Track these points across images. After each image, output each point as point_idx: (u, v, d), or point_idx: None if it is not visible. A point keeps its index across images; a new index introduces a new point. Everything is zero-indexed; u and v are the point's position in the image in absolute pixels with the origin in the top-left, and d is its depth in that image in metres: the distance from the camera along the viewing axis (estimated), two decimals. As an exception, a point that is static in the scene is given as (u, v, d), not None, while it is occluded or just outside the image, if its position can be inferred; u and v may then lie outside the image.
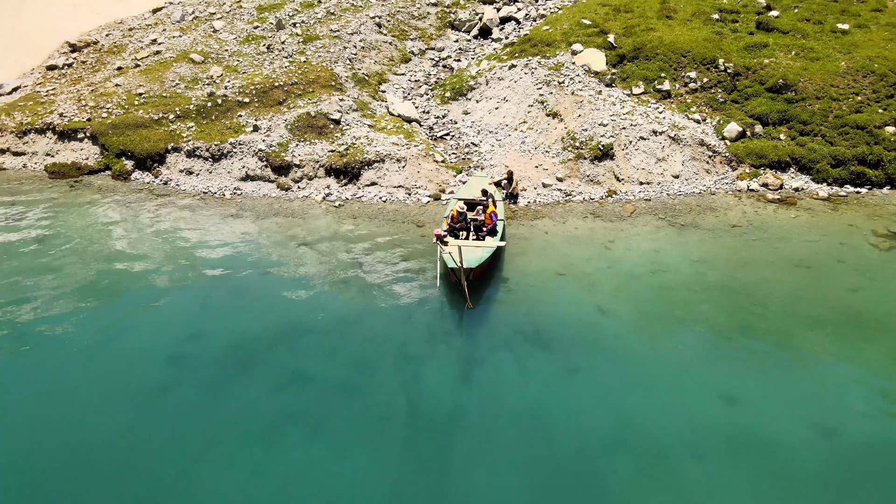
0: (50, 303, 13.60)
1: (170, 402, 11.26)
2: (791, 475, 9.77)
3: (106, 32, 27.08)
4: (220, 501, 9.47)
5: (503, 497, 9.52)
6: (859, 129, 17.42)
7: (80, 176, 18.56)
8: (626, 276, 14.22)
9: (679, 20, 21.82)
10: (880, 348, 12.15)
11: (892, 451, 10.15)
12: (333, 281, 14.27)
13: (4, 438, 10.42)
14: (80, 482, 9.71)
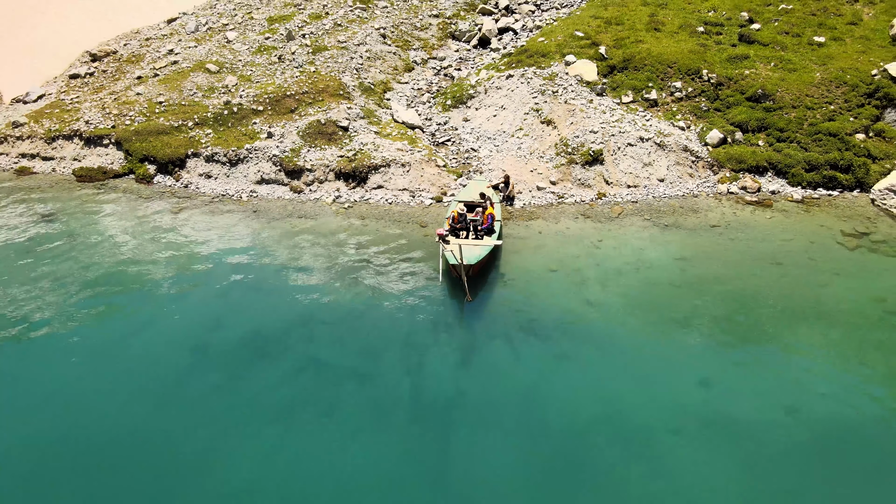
0: (82, 296, 14.57)
1: (195, 385, 12.25)
2: (759, 450, 10.75)
3: (124, 42, 28.04)
4: (242, 475, 10.44)
5: (500, 471, 10.50)
6: (832, 136, 18.40)
7: (106, 179, 19.52)
8: (614, 273, 15.20)
9: (667, 32, 22.78)
10: (842, 337, 13.14)
11: (848, 427, 11.13)
12: (343, 276, 15.25)
13: (48, 417, 11.42)
14: (114, 457, 10.70)
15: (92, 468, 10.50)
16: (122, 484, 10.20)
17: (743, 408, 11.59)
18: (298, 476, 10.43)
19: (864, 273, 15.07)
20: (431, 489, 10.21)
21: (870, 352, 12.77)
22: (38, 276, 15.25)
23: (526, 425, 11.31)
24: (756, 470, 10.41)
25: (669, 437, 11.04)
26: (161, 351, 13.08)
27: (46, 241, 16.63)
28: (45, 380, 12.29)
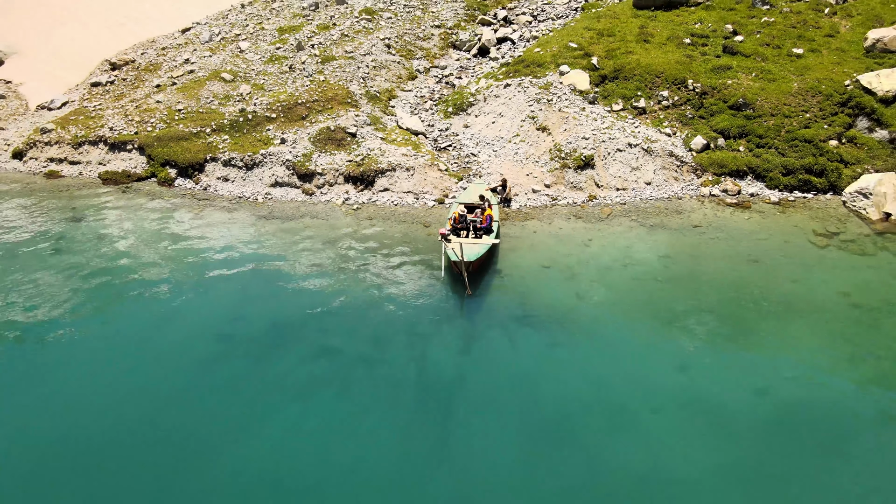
0: (113, 290, 15.67)
1: (224, 368, 13.35)
2: (730, 427, 11.84)
3: (141, 51, 29.12)
4: (268, 445, 11.54)
5: (497, 445, 11.59)
6: (807, 143, 19.48)
7: (130, 182, 20.60)
8: (602, 269, 16.29)
9: (655, 44, 23.86)
10: (809, 328, 14.22)
11: (810, 407, 12.22)
12: (353, 272, 16.34)
13: (93, 394, 12.52)
14: (160, 426, 11.80)
15: (141, 435, 11.62)
16: (168, 450, 11.32)
17: (716, 390, 12.68)
18: (317, 447, 11.52)
19: (833, 270, 16.15)
20: (434, 461, 11.30)
21: (833, 341, 13.86)
22: (70, 271, 16.34)
23: (520, 405, 12.40)
24: (727, 444, 11.50)
25: (650, 415, 12.12)
26: (191, 338, 14.18)
27: (76, 240, 17.72)
28: (93, 361, 13.41)
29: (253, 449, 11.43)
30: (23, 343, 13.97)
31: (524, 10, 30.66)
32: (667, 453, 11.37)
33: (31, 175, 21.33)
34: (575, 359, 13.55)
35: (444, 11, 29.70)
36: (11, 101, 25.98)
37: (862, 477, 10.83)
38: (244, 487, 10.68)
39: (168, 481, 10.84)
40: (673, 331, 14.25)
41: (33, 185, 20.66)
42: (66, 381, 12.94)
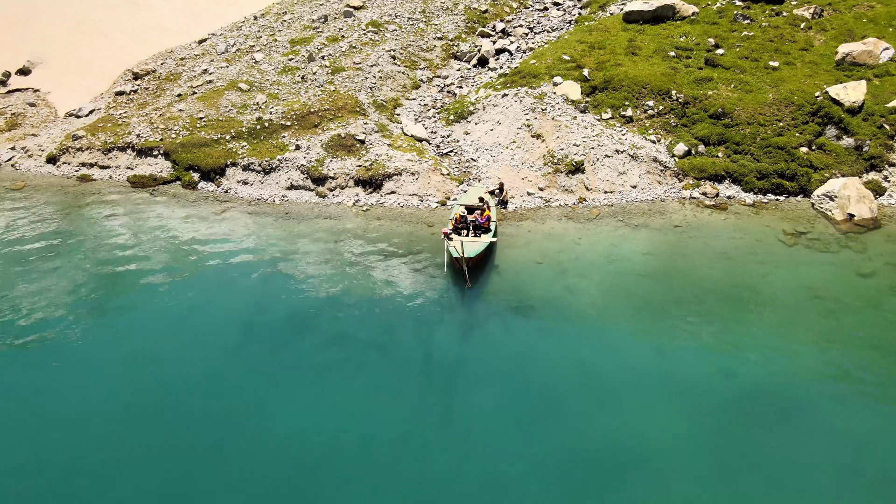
0: (147, 282, 17.09)
1: (250, 352, 14.77)
2: (700, 402, 13.26)
3: (161, 61, 30.52)
4: (287, 421, 12.95)
5: (493, 416, 13.02)
6: (780, 149, 20.89)
7: (157, 186, 22.02)
8: (590, 264, 17.71)
9: (642, 56, 25.26)
10: (774, 317, 15.64)
11: (771, 386, 13.64)
12: (363, 267, 17.76)
13: (140, 373, 13.95)
14: (195, 401, 13.24)
15: (183, 408, 13.07)
16: (205, 421, 12.75)
17: (689, 371, 14.11)
18: (334, 420, 12.95)
19: (799, 266, 17.57)
20: (439, 431, 12.72)
21: (794, 329, 15.29)
22: (104, 266, 17.76)
23: (514, 384, 13.83)
24: (697, 417, 12.94)
25: (629, 392, 13.55)
26: (219, 327, 15.60)
27: (110, 237, 19.13)
28: (137, 344, 14.88)
29: (278, 421, 12.86)
30: (73, 326, 15.39)
31: (521, 22, 32.07)
32: (643, 424, 12.80)
33: (65, 178, 22.73)
34: (564, 344, 14.97)
35: (446, 24, 31.09)
36: (41, 108, 27.38)
37: (811, 444, 12.27)
38: (272, 454, 12.12)
39: (207, 447, 12.28)
40: (652, 319, 15.67)
41: (67, 187, 22.07)
42: (113, 361, 14.38)
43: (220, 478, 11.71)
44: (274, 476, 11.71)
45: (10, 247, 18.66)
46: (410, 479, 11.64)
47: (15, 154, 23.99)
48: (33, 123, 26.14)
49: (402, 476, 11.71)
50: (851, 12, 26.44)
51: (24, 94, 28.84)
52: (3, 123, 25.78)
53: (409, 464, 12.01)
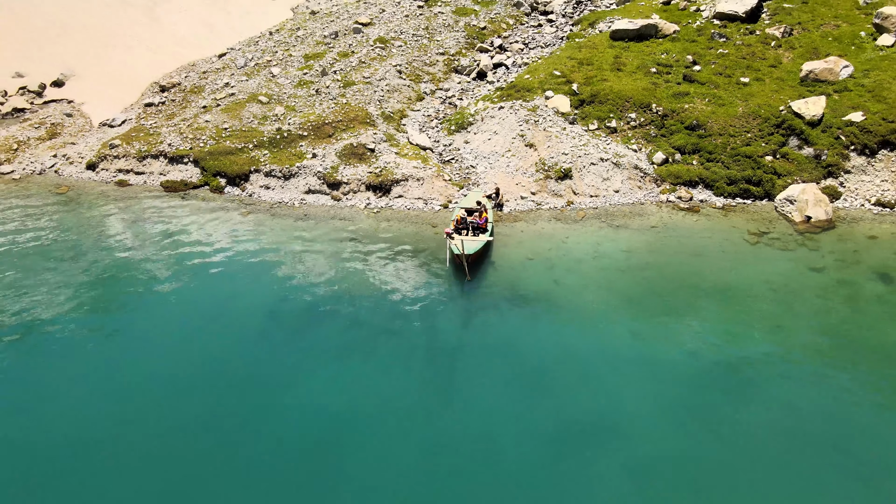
0: (184, 273, 19.03)
1: (275, 336, 16.71)
2: (668, 377, 15.19)
3: (185, 74, 32.45)
4: (313, 392, 14.88)
5: (489, 390, 14.96)
6: (748, 158, 22.82)
7: (188, 190, 23.95)
8: (575, 260, 19.64)
9: (627, 72, 27.19)
10: (735, 306, 17.57)
11: (728, 364, 15.57)
12: (375, 263, 19.70)
13: (181, 350, 15.91)
14: (224, 380, 15.19)
15: (222, 380, 15.04)
16: (242, 393, 14.72)
17: (658, 351, 16.05)
18: (353, 391, 14.90)
19: (760, 262, 19.50)
20: (442, 402, 14.67)
21: (752, 316, 17.23)
22: (145, 261, 19.71)
23: (508, 362, 15.78)
24: (664, 389, 14.87)
25: (607, 368, 15.50)
26: (249, 314, 17.55)
27: (148, 236, 21.07)
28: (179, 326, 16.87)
29: (301, 396, 14.82)
30: (122, 309, 17.36)
31: (517, 38, 34.01)
32: (617, 395, 14.75)
33: (104, 183, 24.65)
34: (551, 329, 16.92)
35: (448, 40, 33.01)
36: (78, 119, 29.30)
37: (759, 410, 14.24)
38: (302, 419, 14.08)
39: (247, 413, 14.25)
40: (629, 308, 17.62)
41: (108, 191, 24.01)
42: (157, 341, 16.37)
43: (259, 439, 13.67)
44: (304, 436, 13.68)
45: (64, 241, 20.61)
46: (418, 438, 13.63)
47: (57, 161, 25.92)
48: (71, 133, 28.06)
49: (411, 435, 13.69)
50: (819, 31, 28.35)
51: (60, 105, 30.77)
52: (44, 133, 27.71)
53: (416, 426, 13.98)
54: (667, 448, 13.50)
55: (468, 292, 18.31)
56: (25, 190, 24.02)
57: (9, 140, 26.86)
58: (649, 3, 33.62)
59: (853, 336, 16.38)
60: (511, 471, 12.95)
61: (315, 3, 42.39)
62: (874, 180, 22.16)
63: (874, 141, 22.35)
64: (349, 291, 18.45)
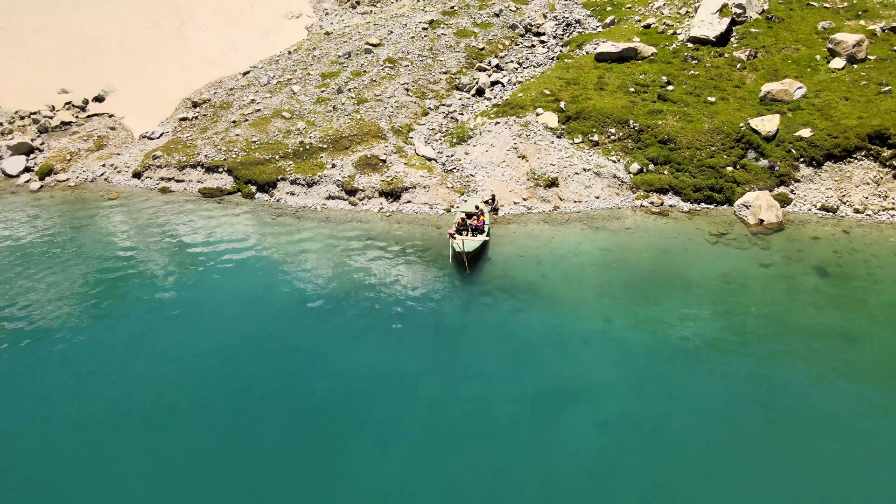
0: (225, 267, 21.81)
1: (303, 320, 19.46)
2: (632, 353, 17.93)
3: (213, 91, 35.23)
4: (339, 363, 17.63)
5: (485, 362, 17.73)
6: (711, 168, 25.57)
7: (223, 196, 26.72)
8: (559, 257, 22.39)
9: (608, 91, 29.95)
10: (693, 295, 20.31)
11: (685, 343, 18.32)
12: (387, 258, 22.46)
13: (226, 333, 18.70)
14: (263, 355, 17.98)
15: (259, 357, 17.83)
16: (277, 365, 17.52)
17: (626, 331, 18.80)
18: (371, 363, 17.67)
19: (717, 259, 22.25)
20: (445, 373, 17.44)
21: (706, 304, 19.99)
22: (193, 255, 22.50)
23: (500, 341, 18.54)
24: (629, 362, 17.61)
25: (582, 345, 18.26)
26: (281, 300, 20.32)
27: (192, 235, 23.85)
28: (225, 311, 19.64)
29: (326, 369, 17.59)
30: (178, 293, 20.15)
31: (512, 58, 36.77)
32: (591, 368, 17.52)
33: (149, 190, 27.43)
34: (537, 313, 19.69)
35: (449, 60, 35.78)
36: (120, 131, 32.07)
37: (708, 380, 17.01)
38: (330, 385, 16.87)
39: (284, 382, 17.06)
40: (603, 297, 20.40)
41: (153, 197, 26.79)
42: (211, 321, 19.19)
43: (300, 396, 16.47)
44: (336, 393, 16.47)
45: (126, 238, 23.41)
46: (426, 397, 16.46)
47: (106, 170, 28.71)
48: (115, 144, 30.85)
49: (420, 395, 16.52)
50: (780, 54, 31.11)
51: (103, 119, 33.54)
52: (92, 144, 30.50)
53: (424, 388, 16.79)
54: (629, 407, 16.29)
55: (467, 283, 21.08)
56: (81, 196, 26.82)
57: (62, 151, 29.66)
58: (632, 27, 36.35)
59: (787, 319, 19.17)
60: (500, 423, 15.75)
61: (328, 23, 45.21)
62: (820, 188, 24.92)
63: (820, 154, 25.12)
64: (366, 282, 21.23)
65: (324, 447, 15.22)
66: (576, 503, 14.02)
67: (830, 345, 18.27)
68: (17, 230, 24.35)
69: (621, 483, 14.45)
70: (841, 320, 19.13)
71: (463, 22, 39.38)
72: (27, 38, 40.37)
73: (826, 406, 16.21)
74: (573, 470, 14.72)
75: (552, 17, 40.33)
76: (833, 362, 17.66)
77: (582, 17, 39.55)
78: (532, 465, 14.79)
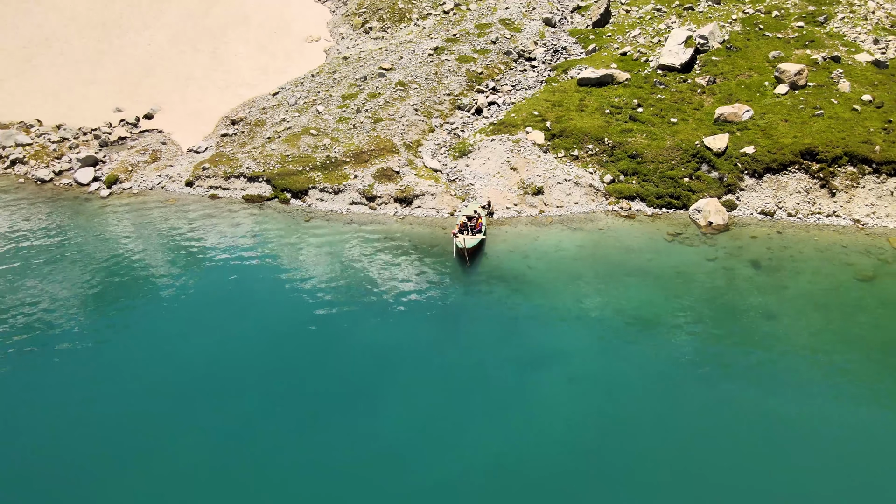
0: (268, 259, 25.83)
1: (333, 303, 23.45)
2: (603, 325, 21.95)
3: (248, 110, 39.21)
4: (363, 337, 21.64)
5: (482, 332, 21.76)
6: (671, 179, 29.54)
7: (263, 202, 30.73)
8: (543, 252, 26.36)
9: (588, 112, 33.91)
10: (650, 283, 24.27)
11: (640, 318, 22.32)
12: (401, 253, 26.46)
13: (268, 315, 22.72)
14: (295, 334, 22.00)
15: (292, 337, 21.84)
16: (308, 342, 21.54)
17: (594, 310, 22.80)
18: (390, 337, 21.67)
19: (672, 254, 26.24)
20: (449, 342, 21.48)
21: (659, 289, 23.98)
22: (240, 250, 26.52)
23: (493, 316, 22.57)
24: (594, 332, 21.65)
25: (559, 321, 22.28)
26: (315, 285, 24.32)
27: (239, 234, 27.87)
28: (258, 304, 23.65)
29: (355, 342, 21.58)
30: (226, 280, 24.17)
31: (507, 81, 40.75)
32: (565, 338, 21.53)
33: (200, 197, 31.43)
34: (523, 296, 23.68)
35: (452, 83, 39.75)
36: (170, 146, 36.06)
37: (654, 345, 21.04)
38: (355, 356, 20.89)
39: (316, 354, 21.07)
40: (576, 283, 24.40)
41: (204, 202, 30.78)
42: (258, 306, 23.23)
43: (333, 362, 20.50)
44: (362, 360, 20.50)
45: (191, 235, 27.44)
46: (434, 362, 20.59)
47: (162, 179, 32.72)
48: (167, 157, 34.86)
49: (430, 361, 20.64)
50: (735, 80, 35.04)
51: (153, 135, 37.53)
52: (147, 157, 34.51)
53: (433, 355, 20.86)
54: (594, 368, 20.34)
55: (468, 274, 25.08)
56: (145, 201, 30.85)
57: (124, 163, 33.69)
58: (611, 54, 40.29)
59: (724, 301, 23.20)
60: (493, 379, 19.82)
61: (344, 46, 49.17)
62: (760, 196, 28.92)
63: (761, 167, 29.12)
64: (384, 272, 25.24)
65: (360, 395, 19.28)
66: (550, 434, 18.03)
67: (754, 321, 22.31)
68: (106, 229, 28.37)
69: (586, 420, 18.51)
70: (765, 302, 23.14)
71: (464, 48, 43.36)
72: (83, 62, 44.55)
73: (746, 367, 20.24)
74: (549, 411, 18.76)
75: (542, 44, 44.29)
76: (755, 335, 21.68)
77: (568, 45, 43.53)
78: (517, 408, 18.83)
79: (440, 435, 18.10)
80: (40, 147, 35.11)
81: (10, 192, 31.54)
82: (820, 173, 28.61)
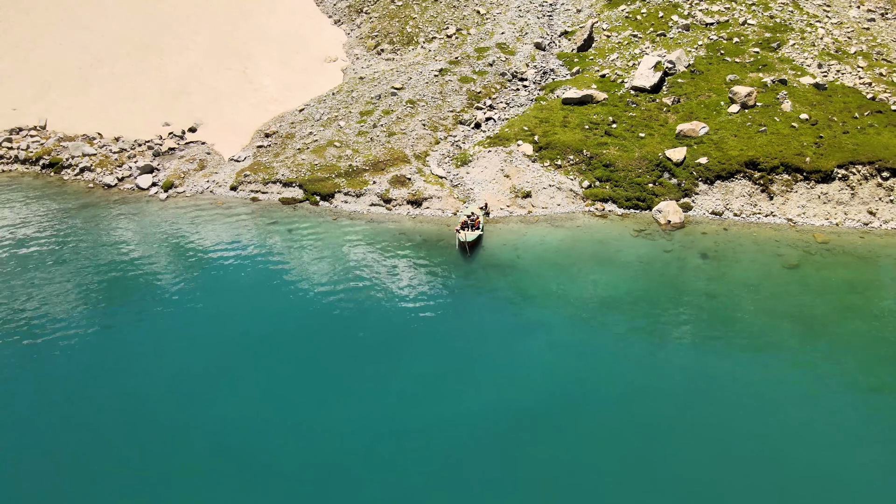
0: (300, 251, 30.32)
1: (348, 288, 27.93)
2: (573, 303, 26.46)
3: (278, 124, 43.64)
4: (380, 314, 26.14)
5: (478, 311, 26.24)
6: (638, 185, 33.99)
7: (296, 204, 35.19)
8: (530, 246, 30.81)
9: (570, 128, 38.34)
10: (616, 269, 28.73)
11: (608, 298, 26.83)
12: (412, 246, 30.92)
13: (300, 300, 27.23)
14: (309, 318, 26.49)
15: (307, 322, 26.33)
16: (322, 324, 26.04)
17: (571, 291, 27.25)
18: (403, 311, 26.13)
19: (636, 247, 30.70)
20: (454, 322, 25.95)
21: (624, 275, 28.44)
22: (277, 243, 31.01)
23: (488, 296, 27.02)
24: (570, 308, 26.09)
25: (541, 298, 26.71)
26: (340, 271, 28.81)
27: (278, 230, 32.35)
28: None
29: (369, 322, 25.99)
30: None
31: (502, 99, 45.19)
32: (546, 312, 25.98)
33: (243, 200, 35.88)
34: (512, 280, 28.15)
35: (455, 101, 44.18)
36: (214, 156, 40.48)
37: (617, 318, 25.52)
38: (374, 325, 25.40)
39: (339, 329, 25.57)
40: (556, 270, 28.86)
41: (248, 204, 35.26)
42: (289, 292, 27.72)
43: (353, 336, 24.98)
44: (380, 332, 24.98)
45: (238, 230, 31.93)
46: (442, 330, 25.06)
47: (210, 185, 37.18)
48: (212, 165, 39.31)
49: (438, 330, 25.09)
50: (697, 100, 39.46)
51: (198, 146, 41.95)
52: (196, 165, 38.96)
53: (441, 325, 25.34)
54: (569, 336, 24.83)
55: (468, 262, 29.56)
56: (197, 203, 35.31)
57: (177, 170, 38.17)
58: (592, 76, 44.68)
59: (675, 284, 27.69)
60: (489, 343, 24.35)
61: (359, 66, 53.56)
62: (712, 199, 33.38)
63: (713, 175, 33.57)
64: (400, 261, 29.71)
65: (384, 353, 23.79)
66: (533, 383, 22.51)
67: (699, 300, 26.77)
68: (173, 225, 32.85)
69: (561, 375, 23.00)
70: (708, 286, 27.62)
71: (465, 70, 47.77)
72: (127, 80, 48.93)
73: (691, 336, 24.73)
74: (531, 368, 23.25)
75: (533, 66, 48.69)
76: (699, 311, 26.16)
77: (555, 67, 47.93)
78: (505, 365, 23.33)
79: (447, 382, 22.58)
80: (104, 157, 39.59)
81: (83, 196, 36.01)
82: (761, 180, 33.06)
